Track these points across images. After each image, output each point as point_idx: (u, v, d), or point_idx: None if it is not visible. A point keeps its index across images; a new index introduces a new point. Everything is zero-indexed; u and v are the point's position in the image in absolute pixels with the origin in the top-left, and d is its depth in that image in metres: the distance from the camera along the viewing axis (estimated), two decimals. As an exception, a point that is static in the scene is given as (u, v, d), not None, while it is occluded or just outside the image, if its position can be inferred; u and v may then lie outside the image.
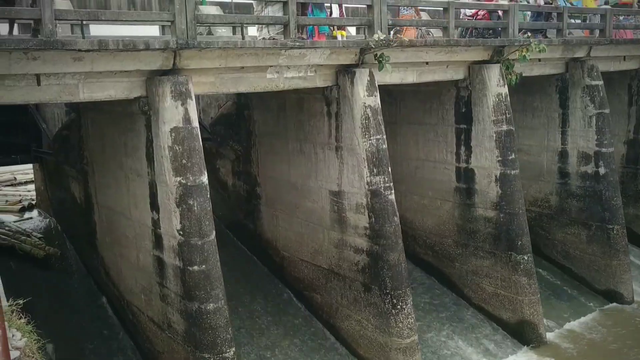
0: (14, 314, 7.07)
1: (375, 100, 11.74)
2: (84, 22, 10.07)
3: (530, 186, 17.01)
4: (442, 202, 15.00)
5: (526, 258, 13.74)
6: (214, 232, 9.84)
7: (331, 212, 12.53)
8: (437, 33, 14.66)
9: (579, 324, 14.91)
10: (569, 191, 16.48)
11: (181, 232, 9.63)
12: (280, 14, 10.77)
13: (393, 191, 11.89)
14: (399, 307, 11.60)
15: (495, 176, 13.78)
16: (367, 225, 11.76)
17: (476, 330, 13.92)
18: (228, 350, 9.59)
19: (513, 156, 13.77)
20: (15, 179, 23.25)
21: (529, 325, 13.74)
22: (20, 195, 20.48)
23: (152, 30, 16.71)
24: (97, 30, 13.67)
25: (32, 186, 20.45)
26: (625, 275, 16.00)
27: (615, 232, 15.83)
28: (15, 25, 11.05)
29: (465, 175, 14.36)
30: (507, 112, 13.76)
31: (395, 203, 11.91)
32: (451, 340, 13.42)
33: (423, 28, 13.71)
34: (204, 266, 9.59)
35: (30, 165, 19.56)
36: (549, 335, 14.09)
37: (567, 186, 16.52)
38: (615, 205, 15.90)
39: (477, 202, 14.23)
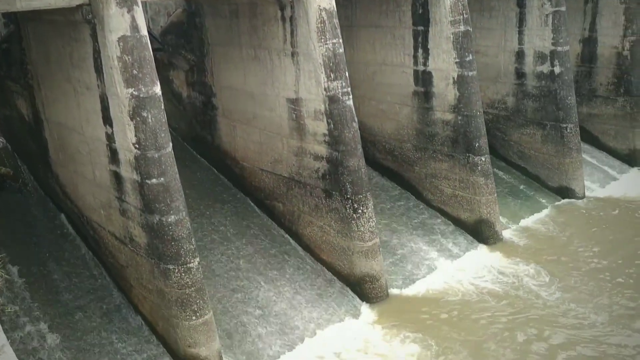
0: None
1: (331, 3, 11.36)
2: None
3: (488, 88, 17.08)
4: (401, 106, 14.96)
5: (483, 159, 13.97)
6: (171, 144, 9.64)
7: (289, 120, 12.38)
8: None
9: (533, 220, 15.47)
10: (525, 92, 16.61)
11: (137, 146, 9.40)
12: None
13: (351, 96, 11.76)
14: (360, 211, 11.76)
15: (453, 78, 13.73)
16: (326, 131, 11.69)
17: (435, 231, 14.31)
18: (192, 261, 9.64)
19: (470, 57, 13.68)
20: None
21: (486, 223, 14.16)
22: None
23: None
24: None
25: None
26: (578, 172, 16.48)
27: (568, 130, 16.15)
28: None
29: (423, 79, 14.27)
30: (464, 12, 13.53)
31: (353, 108, 11.81)
32: (411, 241, 13.78)
33: None
34: (162, 179, 9.45)
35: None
36: (505, 233, 14.59)
37: (523, 87, 16.63)
38: (570, 104, 16.13)
39: (435, 106, 14.24)
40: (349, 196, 11.71)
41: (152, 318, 10.49)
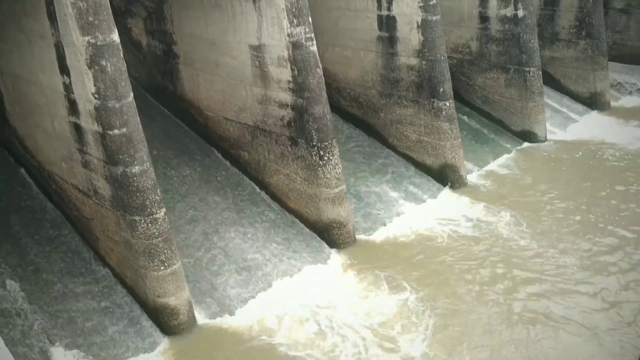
0: None
1: (292, -55, 11.07)
2: None
3: (452, 32, 17.02)
4: (365, 52, 14.84)
5: (448, 104, 14.02)
6: (132, 94, 9.43)
7: (253, 68, 12.19)
8: None
9: (497, 164, 15.68)
10: (489, 36, 16.60)
11: (96, 96, 9.17)
12: None
13: (315, 42, 11.61)
14: (326, 158, 11.76)
15: (417, 23, 13.63)
16: (290, 78, 11.55)
17: (401, 176, 14.44)
18: (158, 212, 9.57)
19: (434, 1, 13.56)
20: None
21: (450, 168, 14.33)
22: None
23: None
24: None
25: None
26: (540, 116, 16.70)
27: (531, 74, 16.27)
28: None
29: (387, 23, 14.13)
30: (428, -46, 13.35)
31: (317, 54, 11.66)
32: (378, 187, 13.89)
33: None
34: (124, 129, 9.27)
35: None
36: (470, 177, 14.79)
37: (487, 31, 16.61)
38: (532, 47, 16.20)
39: (399, 51, 14.16)
40: (314, 143, 11.68)
41: (120, 270, 10.46)
